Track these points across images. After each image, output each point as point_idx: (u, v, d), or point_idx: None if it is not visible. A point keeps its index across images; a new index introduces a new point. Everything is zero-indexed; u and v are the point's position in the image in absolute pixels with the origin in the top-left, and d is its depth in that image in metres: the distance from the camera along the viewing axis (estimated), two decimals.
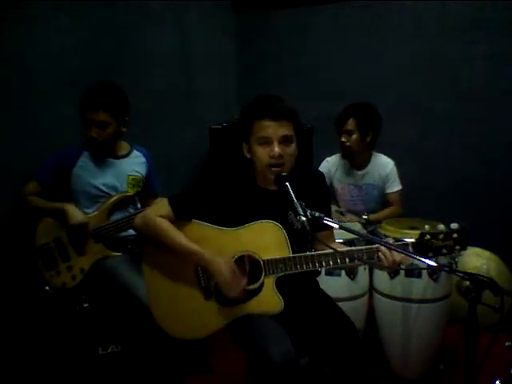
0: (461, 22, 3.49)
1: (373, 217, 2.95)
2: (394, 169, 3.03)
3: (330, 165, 3.11)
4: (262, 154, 1.72)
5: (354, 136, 2.92)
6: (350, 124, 2.91)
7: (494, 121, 3.48)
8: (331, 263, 1.67)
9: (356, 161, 3.04)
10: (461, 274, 1.35)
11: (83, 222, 2.29)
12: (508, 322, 2.05)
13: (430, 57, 3.61)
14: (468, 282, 1.32)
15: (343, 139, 2.94)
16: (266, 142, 1.71)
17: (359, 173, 3.04)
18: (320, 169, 3.08)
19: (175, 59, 3.64)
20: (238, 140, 1.83)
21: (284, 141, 1.71)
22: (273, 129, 1.69)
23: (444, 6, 3.52)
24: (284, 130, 1.70)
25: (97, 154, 2.40)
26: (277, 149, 1.69)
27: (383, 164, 3.03)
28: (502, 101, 3.45)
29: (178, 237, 1.75)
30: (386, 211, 3.00)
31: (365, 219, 2.92)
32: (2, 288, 2.41)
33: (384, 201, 3.06)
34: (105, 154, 2.43)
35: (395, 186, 3.03)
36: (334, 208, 2.94)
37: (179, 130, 3.67)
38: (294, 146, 1.75)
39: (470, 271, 1.42)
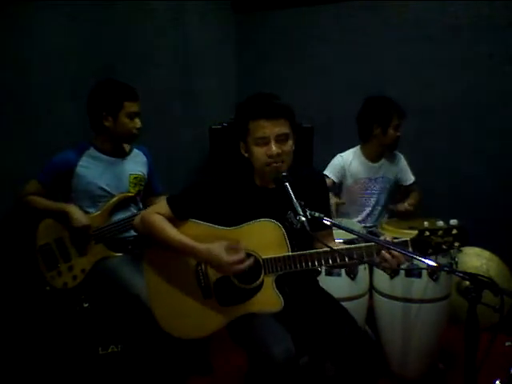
0: (461, 22, 3.49)
1: (408, 202, 2.98)
2: (405, 161, 3.12)
3: (344, 161, 3.07)
4: (260, 153, 1.72)
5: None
6: (400, 118, 2.97)
7: (494, 121, 3.48)
8: (330, 261, 1.67)
9: (383, 151, 3.06)
10: (461, 274, 1.34)
11: (87, 224, 2.29)
12: (508, 321, 2.06)
13: (430, 57, 3.61)
14: (468, 282, 1.32)
15: (399, 133, 2.97)
16: (263, 141, 1.71)
17: (375, 165, 3.05)
18: (333, 164, 3.07)
19: (175, 59, 3.64)
20: (235, 139, 1.83)
21: (281, 139, 1.71)
22: (269, 128, 1.69)
23: (444, 6, 3.52)
24: (280, 128, 1.71)
25: (111, 152, 2.43)
26: (274, 148, 1.70)
27: (395, 156, 3.10)
28: (502, 101, 3.45)
29: (173, 233, 1.75)
30: (414, 199, 3.05)
31: (407, 210, 2.93)
32: (2, 288, 2.41)
33: (403, 193, 3.12)
34: (115, 152, 2.44)
35: (412, 177, 3.12)
36: (335, 200, 2.94)
37: (179, 130, 3.67)
38: (290, 142, 1.75)
39: (469, 271, 1.42)
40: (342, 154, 3.11)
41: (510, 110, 3.43)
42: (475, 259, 3.02)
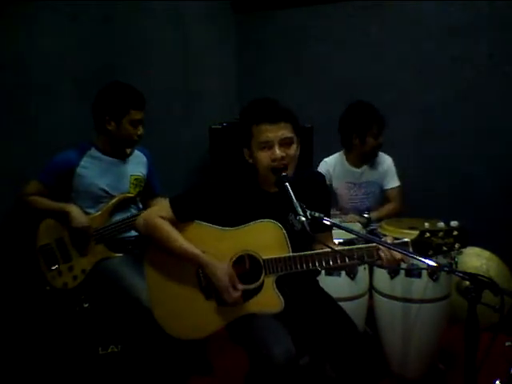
0: (461, 22, 3.50)
1: (374, 215, 2.95)
2: (392, 165, 3.07)
3: (328, 165, 3.11)
4: (264, 158, 1.72)
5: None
6: (379, 126, 2.95)
7: (494, 121, 3.48)
8: (331, 262, 1.67)
9: (364, 159, 3.05)
10: (461, 274, 1.34)
11: (86, 225, 2.29)
12: (508, 321, 2.05)
13: (430, 57, 3.61)
14: (468, 282, 1.32)
15: (380, 141, 2.96)
16: (267, 145, 1.71)
17: (358, 170, 3.06)
18: (319, 170, 3.08)
19: (175, 59, 3.64)
20: (239, 144, 1.83)
21: (285, 143, 1.71)
22: (272, 132, 1.69)
23: (444, 6, 3.52)
24: (283, 131, 1.71)
25: (113, 153, 2.43)
26: (278, 151, 1.70)
27: (381, 160, 3.07)
28: (502, 101, 3.45)
29: (178, 239, 1.75)
30: (385, 208, 3.02)
31: (366, 218, 2.92)
32: (2, 288, 2.41)
33: (384, 198, 3.08)
34: (116, 153, 2.44)
35: (394, 182, 3.05)
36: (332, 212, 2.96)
37: (179, 130, 3.67)
38: (294, 146, 1.75)
39: (469, 271, 1.42)
40: (326, 160, 3.14)
41: (510, 110, 3.43)
42: (475, 259, 3.02)
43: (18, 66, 2.52)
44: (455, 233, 1.61)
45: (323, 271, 2.36)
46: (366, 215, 2.94)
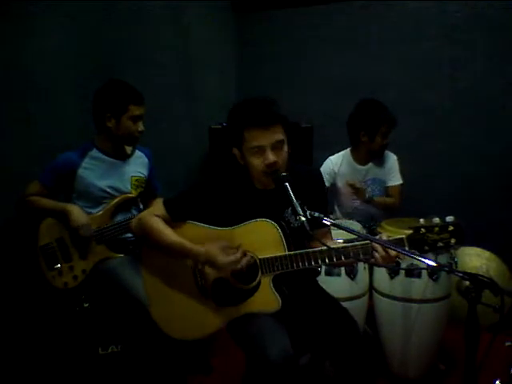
0: (461, 22, 3.50)
1: (376, 199, 3.00)
2: (396, 163, 3.09)
3: (333, 163, 3.12)
4: (257, 162, 1.71)
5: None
6: (389, 126, 2.96)
7: (494, 121, 3.48)
8: (327, 260, 1.67)
9: (370, 156, 3.06)
10: (461, 274, 1.34)
11: (86, 224, 2.29)
12: (508, 321, 2.06)
13: (429, 57, 3.61)
14: (468, 282, 1.32)
15: (386, 140, 2.98)
16: (260, 150, 1.69)
17: (363, 168, 3.07)
18: (323, 168, 3.10)
19: (175, 59, 3.64)
20: (228, 145, 1.80)
21: (277, 146, 1.70)
22: (265, 137, 1.67)
23: (444, 6, 3.53)
24: (276, 135, 1.69)
25: (113, 154, 2.42)
26: (271, 156, 1.68)
27: (386, 158, 3.09)
28: (502, 101, 3.45)
29: (170, 235, 1.76)
30: (387, 199, 3.07)
31: (369, 197, 2.95)
32: (3, 288, 2.41)
33: (385, 194, 3.11)
34: (117, 153, 2.43)
35: (396, 180, 3.08)
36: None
37: (179, 130, 3.67)
38: (286, 147, 1.74)
39: (469, 271, 1.42)
40: (331, 158, 3.15)
41: (510, 111, 3.44)
42: (475, 259, 3.02)
43: (18, 65, 2.52)
44: (451, 228, 1.60)
45: (323, 272, 2.36)
46: (368, 195, 2.98)
